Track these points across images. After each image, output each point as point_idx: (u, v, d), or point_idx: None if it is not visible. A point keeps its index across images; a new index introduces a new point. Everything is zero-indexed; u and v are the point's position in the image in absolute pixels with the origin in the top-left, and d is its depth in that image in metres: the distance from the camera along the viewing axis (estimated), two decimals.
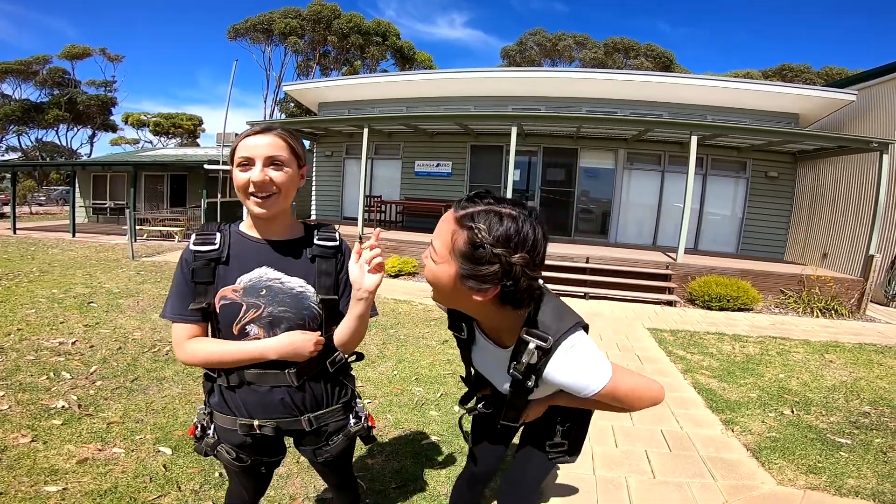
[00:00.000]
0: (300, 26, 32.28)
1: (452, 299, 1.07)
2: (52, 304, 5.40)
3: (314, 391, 1.31)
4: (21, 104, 34.98)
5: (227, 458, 1.31)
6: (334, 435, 1.37)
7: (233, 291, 1.21)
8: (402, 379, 3.78)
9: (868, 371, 4.57)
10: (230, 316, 1.22)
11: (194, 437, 1.34)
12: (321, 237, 1.31)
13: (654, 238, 11.29)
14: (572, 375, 1.08)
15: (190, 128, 39.69)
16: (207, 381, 1.32)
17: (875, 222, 7.93)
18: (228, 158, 1.25)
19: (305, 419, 1.30)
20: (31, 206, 25.39)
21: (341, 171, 13.57)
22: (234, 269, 1.22)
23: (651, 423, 3.24)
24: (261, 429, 1.27)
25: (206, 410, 1.34)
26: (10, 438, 2.51)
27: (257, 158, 1.17)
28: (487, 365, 1.32)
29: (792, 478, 2.59)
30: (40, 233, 13.75)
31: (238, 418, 1.27)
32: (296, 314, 1.24)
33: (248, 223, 1.29)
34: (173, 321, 1.23)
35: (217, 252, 1.22)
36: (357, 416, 1.42)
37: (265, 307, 1.22)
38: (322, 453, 1.37)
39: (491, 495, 2.30)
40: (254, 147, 1.18)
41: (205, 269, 1.21)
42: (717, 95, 10.92)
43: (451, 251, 0.97)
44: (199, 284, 1.21)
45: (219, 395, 1.30)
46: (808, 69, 31.34)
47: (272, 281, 1.23)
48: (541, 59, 37.15)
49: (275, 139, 1.20)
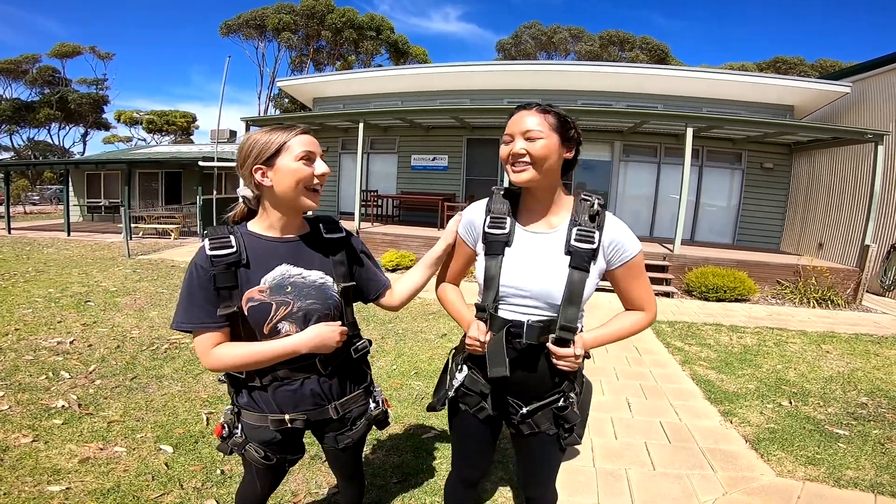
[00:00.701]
0: (293, 21, 32.05)
1: (548, 164, 1.25)
2: (49, 304, 5.37)
3: (339, 378, 1.37)
4: (11, 103, 34.62)
5: (256, 457, 1.33)
6: (357, 420, 1.43)
7: (259, 292, 1.22)
8: (401, 373, 3.79)
9: (865, 361, 4.61)
10: (260, 316, 1.23)
11: (220, 436, 1.36)
12: (328, 229, 1.37)
13: (651, 229, 11.31)
14: (625, 230, 1.31)
15: (183, 125, 39.40)
16: (233, 382, 1.33)
17: (870, 212, 7.96)
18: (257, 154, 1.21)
19: (332, 407, 1.35)
20: (25, 206, 25.20)
21: (337, 166, 13.50)
22: (256, 270, 1.23)
23: (650, 414, 3.26)
24: (292, 422, 1.30)
25: (234, 410, 1.36)
26: (11, 439, 2.51)
27: (318, 154, 1.25)
28: (529, 261, 1.32)
29: (791, 469, 2.62)
30: (35, 232, 13.67)
31: (269, 415, 1.30)
32: (322, 305, 1.29)
33: (263, 223, 1.28)
34: (196, 331, 1.21)
35: (236, 255, 1.21)
36: (376, 400, 1.49)
37: (294, 303, 1.25)
38: (344, 438, 1.41)
39: (486, 494, 2.32)
40: (312, 144, 1.24)
41: (226, 273, 1.20)
42: (713, 87, 10.92)
43: (550, 127, 1.24)
44: (222, 290, 1.20)
45: (247, 395, 1.32)
46: (802, 62, 31.35)
47: (295, 277, 1.26)
48: (536, 53, 37.02)
49: (316, 140, 1.27)
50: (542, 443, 1.41)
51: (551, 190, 1.32)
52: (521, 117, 1.26)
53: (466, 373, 1.44)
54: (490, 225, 1.36)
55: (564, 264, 1.28)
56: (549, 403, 1.37)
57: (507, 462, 2.55)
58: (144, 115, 39.12)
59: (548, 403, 1.37)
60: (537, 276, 1.29)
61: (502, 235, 1.34)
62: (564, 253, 1.29)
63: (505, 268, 1.33)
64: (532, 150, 1.22)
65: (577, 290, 1.27)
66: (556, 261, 1.29)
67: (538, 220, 1.35)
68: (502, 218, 1.36)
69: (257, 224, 1.29)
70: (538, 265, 1.30)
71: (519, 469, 1.57)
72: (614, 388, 3.71)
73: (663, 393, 3.66)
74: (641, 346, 4.82)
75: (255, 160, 1.21)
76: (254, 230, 1.28)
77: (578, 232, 1.28)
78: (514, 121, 1.27)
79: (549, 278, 1.28)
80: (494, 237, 1.35)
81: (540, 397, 1.37)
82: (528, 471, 1.51)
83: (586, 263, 1.27)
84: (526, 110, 1.27)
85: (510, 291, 1.32)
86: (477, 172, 11.99)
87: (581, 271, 1.27)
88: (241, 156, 1.24)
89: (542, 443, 1.41)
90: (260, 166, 1.21)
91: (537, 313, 1.31)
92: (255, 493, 1.47)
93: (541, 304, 1.30)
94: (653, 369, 4.17)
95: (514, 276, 1.31)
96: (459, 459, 1.59)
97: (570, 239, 1.28)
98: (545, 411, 1.37)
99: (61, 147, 38.95)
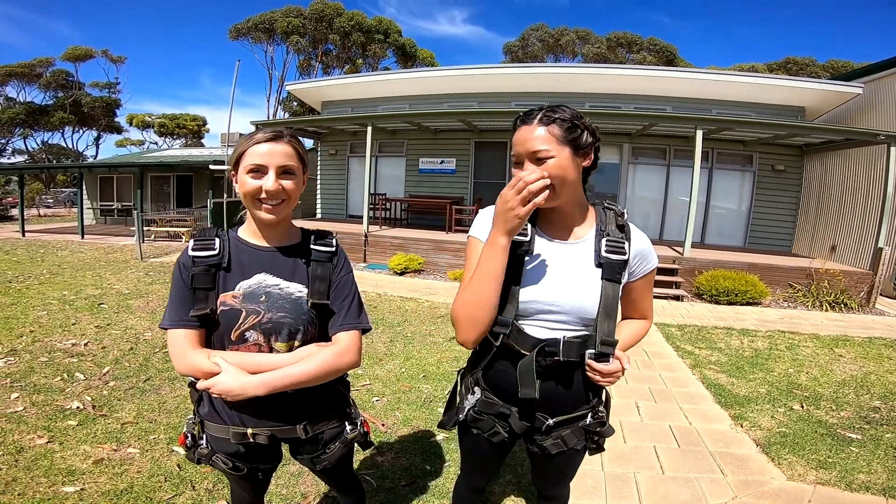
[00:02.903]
0: (302, 25, 32.29)
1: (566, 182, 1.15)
2: (63, 306, 5.45)
3: (308, 399, 1.30)
4: (26, 107, 35.20)
5: (224, 468, 1.30)
6: (331, 443, 1.37)
7: (232, 297, 1.20)
8: (409, 376, 3.80)
9: (878, 365, 4.55)
10: (229, 322, 1.20)
11: (185, 446, 1.32)
12: (318, 243, 1.30)
13: (661, 232, 11.24)
14: (648, 242, 1.30)
15: (194, 128, 39.88)
16: (195, 390, 1.26)
17: (883, 215, 7.87)
18: (231, 160, 1.21)
19: (301, 427, 1.30)
20: (39, 209, 25.54)
21: (345, 169, 13.58)
22: (235, 276, 1.21)
23: (659, 418, 3.25)
24: (255, 437, 1.25)
25: (196, 420, 1.31)
26: (26, 440, 2.55)
27: (270, 167, 1.16)
28: (558, 274, 1.23)
29: (802, 473, 2.60)
30: (49, 235, 13.87)
31: (231, 427, 1.26)
32: (295, 319, 1.23)
33: (248, 229, 1.27)
34: (173, 327, 1.18)
35: (218, 258, 1.20)
36: (353, 422, 1.43)
37: (265, 313, 1.21)
38: (320, 461, 1.37)
39: (494, 497, 2.33)
40: (267, 155, 1.15)
41: (205, 274, 1.18)
42: (722, 89, 10.85)
43: (557, 140, 1.13)
44: (199, 290, 1.18)
45: (209, 405, 1.28)
46: (813, 62, 31.06)
47: (271, 287, 1.22)
48: (543, 55, 37.00)
49: (287, 148, 1.19)
50: (569, 457, 1.38)
51: (575, 202, 1.24)
52: (526, 137, 1.14)
53: (479, 395, 1.35)
54: None
55: (597, 277, 1.22)
56: (577, 418, 1.32)
57: (515, 464, 2.55)
58: (156, 119, 39.63)
59: (576, 417, 1.31)
60: (569, 290, 1.21)
61: (522, 244, 1.22)
62: (595, 265, 1.23)
63: (529, 280, 1.22)
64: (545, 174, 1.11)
65: (613, 303, 1.22)
66: (587, 273, 1.23)
67: (561, 229, 1.27)
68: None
69: (245, 230, 1.28)
70: (568, 278, 1.22)
71: (536, 474, 1.53)
72: (623, 391, 3.69)
73: (673, 396, 3.64)
74: (651, 350, 4.80)
75: (232, 166, 1.21)
76: (242, 236, 1.27)
77: (608, 243, 1.23)
78: (518, 140, 1.16)
79: (582, 292, 1.21)
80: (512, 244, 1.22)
81: (569, 411, 1.31)
82: (550, 478, 1.49)
83: (618, 275, 1.22)
84: (527, 125, 1.15)
85: (536, 307, 1.22)
86: (485, 175, 12.00)
87: (614, 283, 1.22)
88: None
89: (569, 457, 1.38)
90: (234, 172, 1.21)
91: (569, 329, 1.23)
92: (244, 497, 1.47)
93: (572, 319, 1.22)
94: (662, 373, 4.15)
95: (540, 291, 1.21)
96: (468, 471, 1.55)
97: (601, 250, 1.23)
98: (574, 428, 1.31)
99: (75, 150, 39.55)
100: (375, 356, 4.21)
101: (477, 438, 1.39)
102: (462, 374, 1.46)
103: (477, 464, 1.51)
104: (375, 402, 3.28)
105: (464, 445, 1.49)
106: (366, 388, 3.54)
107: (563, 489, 1.55)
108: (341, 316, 1.27)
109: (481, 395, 1.34)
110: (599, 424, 1.32)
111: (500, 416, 1.33)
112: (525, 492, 2.33)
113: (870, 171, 9.50)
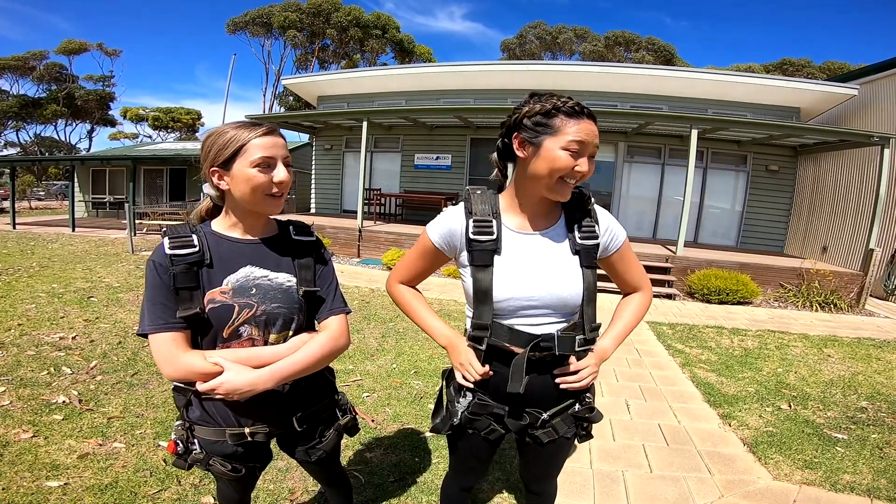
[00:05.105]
0: (300, 19, 32.12)
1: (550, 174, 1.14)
2: (52, 299, 5.41)
3: (302, 388, 1.31)
4: (19, 99, 34.91)
5: (223, 471, 1.27)
6: (325, 431, 1.39)
7: (221, 293, 1.17)
8: (401, 372, 3.80)
9: (866, 366, 4.59)
10: (221, 319, 1.17)
11: (175, 453, 1.26)
12: (298, 232, 1.31)
13: (654, 231, 11.28)
14: (610, 216, 1.31)
15: (189, 122, 39.59)
16: (180, 394, 1.23)
17: (875, 216, 7.92)
18: (217, 157, 1.15)
19: (296, 419, 1.30)
20: (31, 201, 25.36)
21: (341, 164, 13.54)
22: (218, 271, 1.18)
23: (649, 416, 3.26)
24: (253, 436, 1.25)
25: (185, 425, 1.27)
26: (11, 434, 2.53)
27: (278, 159, 1.16)
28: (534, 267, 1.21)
29: (788, 473, 2.61)
30: (40, 227, 13.76)
31: (227, 428, 1.24)
32: (288, 308, 1.23)
33: (224, 222, 1.24)
34: (158, 332, 1.11)
35: (199, 255, 1.16)
36: (343, 408, 1.45)
37: (258, 306, 1.20)
38: (315, 451, 1.37)
39: (483, 494, 2.32)
40: (273, 147, 1.15)
41: (188, 273, 1.13)
42: (718, 89, 10.88)
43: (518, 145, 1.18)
44: (183, 290, 1.13)
45: (199, 408, 1.25)
46: (809, 63, 31.21)
47: (260, 279, 1.21)
48: (541, 53, 36.99)
49: (282, 139, 1.19)
50: (558, 446, 1.39)
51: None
52: (595, 132, 1.13)
53: (472, 398, 1.31)
54: (475, 231, 1.21)
55: (576, 265, 1.22)
56: (567, 407, 1.33)
57: (504, 462, 2.55)
58: (150, 112, 39.33)
59: (567, 407, 1.33)
60: (546, 282, 1.20)
61: (490, 242, 1.20)
62: (572, 253, 1.23)
63: (503, 278, 1.20)
64: (591, 171, 1.15)
65: (593, 288, 1.25)
66: (564, 262, 1.22)
67: (527, 219, 1.25)
68: (488, 221, 1.21)
69: (221, 223, 1.24)
70: (544, 270, 1.20)
71: (525, 469, 1.54)
72: (614, 389, 3.70)
73: (663, 395, 3.65)
74: (642, 348, 4.81)
75: (212, 162, 1.15)
76: (217, 230, 1.23)
77: (582, 229, 1.24)
78: (591, 133, 1.12)
79: (561, 282, 1.20)
80: (481, 245, 1.20)
81: (557, 402, 1.31)
82: (539, 471, 1.49)
83: (594, 259, 1.25)
84: (593, 120, 1.14)
85: (515, 304, 1.20)
86: (480, 172, 11.99)
87: (592, 269, 1.24)
88: (202, 153, 1.18)
89: (558, 446, 1.39)
90: (216, 169, 1.15)
91: (554, 321, 1.23)
92: (233, 496, 1.47)
93: (553, 311, 1.22)
94: (653, 371, 4.16)
95: (516, 287, 1.19)
96: (459, 470, 1.54)
97: (577, 237, 1.23)
98: (565, 416, 1.32)
99: (68, 143, 39.22)
100: (367, 351, 4.20)
101: (472, 437, 1.38)
102: (447, 377, 1.44)
103: (470, 463, 1.50)
104: (366, 398, 3.27)
105: (457, 446, 1.46)
106: (357, 383, 3.53)
107: (550, 484, 1.55)
108: (329, 301, 1.30)
109: (474, 397, 1.32)
110: (588, 411, 1.34)
111: (496, 418, 1.33)
112: (514, 490, 2.33)
113: (862, 173, 9.56)
